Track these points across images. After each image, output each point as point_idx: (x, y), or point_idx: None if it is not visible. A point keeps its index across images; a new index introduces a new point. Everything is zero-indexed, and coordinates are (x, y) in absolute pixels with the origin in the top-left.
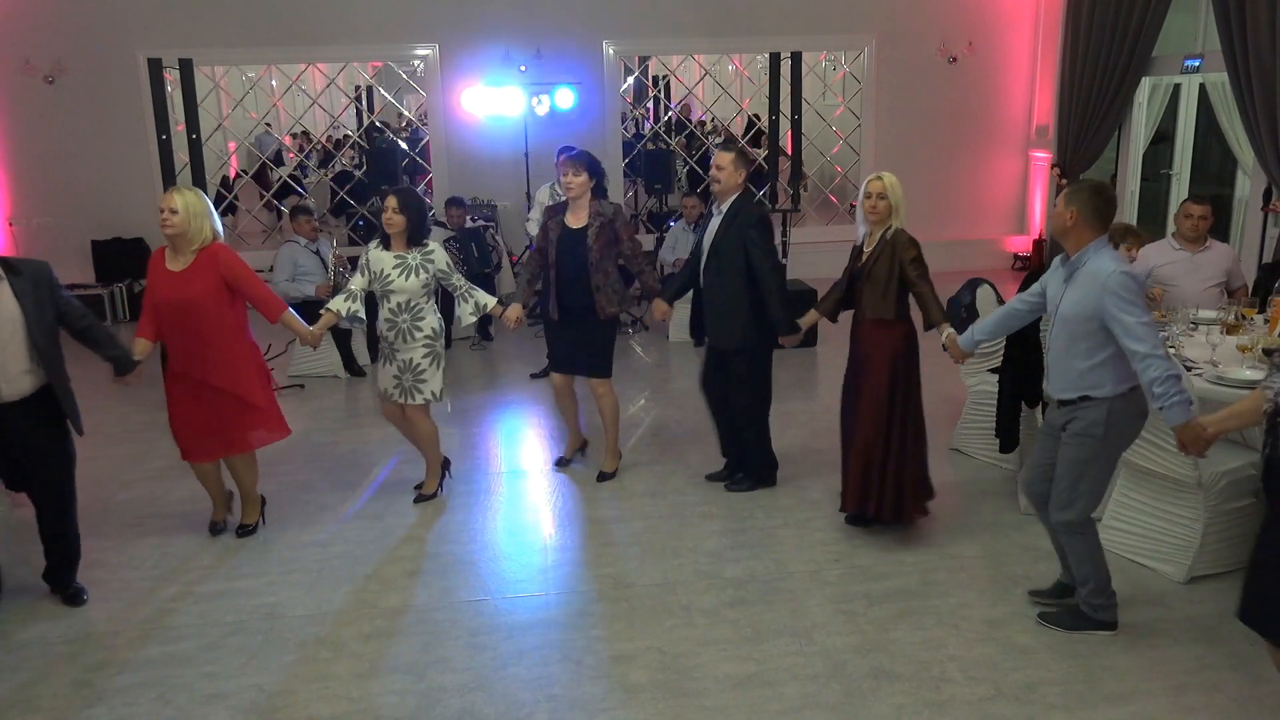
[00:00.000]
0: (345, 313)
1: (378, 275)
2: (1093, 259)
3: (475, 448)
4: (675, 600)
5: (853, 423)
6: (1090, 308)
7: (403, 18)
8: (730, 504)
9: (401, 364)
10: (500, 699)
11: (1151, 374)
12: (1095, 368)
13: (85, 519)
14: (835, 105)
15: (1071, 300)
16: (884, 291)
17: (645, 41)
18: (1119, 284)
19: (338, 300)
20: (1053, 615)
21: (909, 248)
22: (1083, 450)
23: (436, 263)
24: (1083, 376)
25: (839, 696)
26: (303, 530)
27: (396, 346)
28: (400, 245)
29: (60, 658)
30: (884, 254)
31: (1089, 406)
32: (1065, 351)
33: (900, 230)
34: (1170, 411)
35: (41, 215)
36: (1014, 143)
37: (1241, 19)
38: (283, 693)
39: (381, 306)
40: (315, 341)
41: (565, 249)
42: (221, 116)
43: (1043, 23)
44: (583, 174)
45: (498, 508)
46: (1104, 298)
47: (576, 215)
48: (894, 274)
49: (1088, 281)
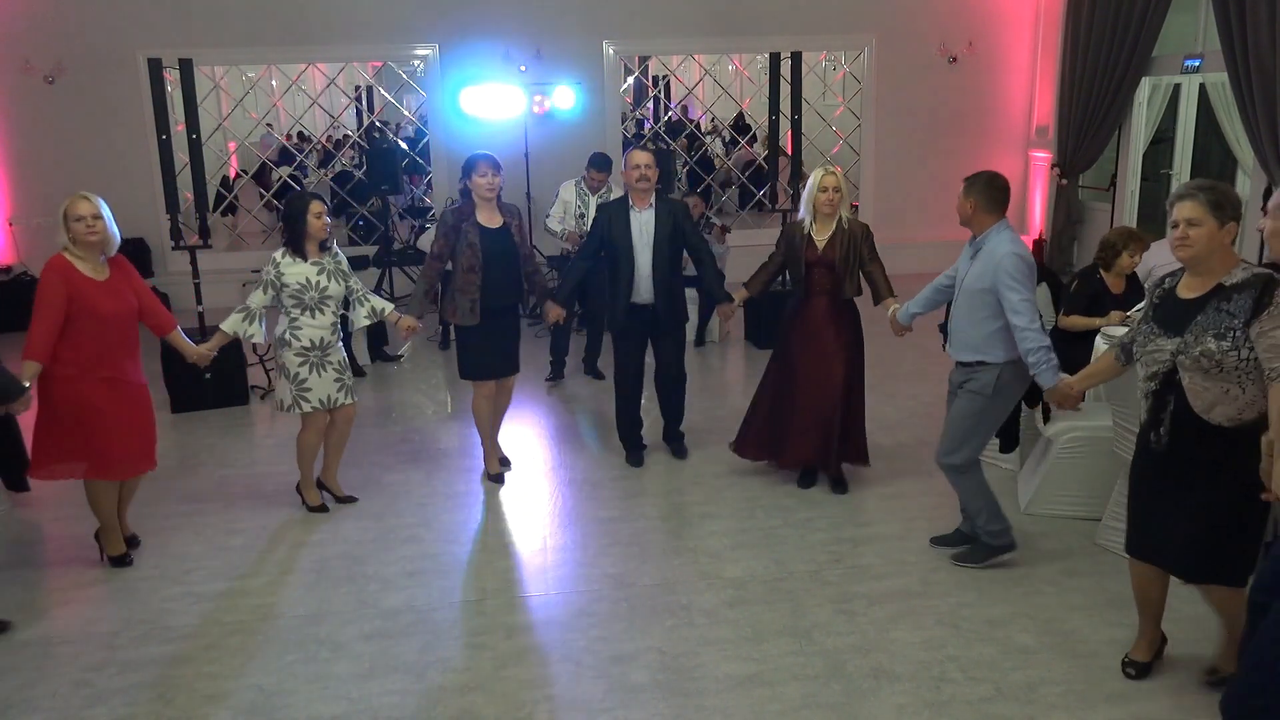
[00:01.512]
0: (242, 335)
1: (307, 285)
2: (993, 239)
3: (475, 448)
4: (675, 600)
5: (811, 390)
6: (987, 281)
7: (403, 18)
8: (730, 504)
9: (338, 364)
10: (500, 699)
11: (1027, 344)
12: (989, 336)
13: (85, 519)
14: (835, 105)
15: (973, 274)
16: (851, 274)
17: (645, 41)
18: (1011, 265)
19: (233, 320)
20: (964, 555)
21: (869, 234)
22: (973, 405)
23: (345, 265)
24: (979, 343)
25: (839, 696)
26: (303, 530)
27: (331, 350)
28: (316, 251)
29: (60, 658)
30: (847, 241)
31: (983, 370)
32: (965, 319)
33: (853, 219)
34: (1042, 376)
35: (41, 215)
36: (1014, 143)
37: (1241, 19)
38: (283, 693)
39: (318, 316)
40: (203, 360)
41: (494, 249)
42: (221, 116)
43: (1043, 23)
44: (500, 174)
45: (498, 508)
46: (997, 274)
47: (490, 216)
48: (857, 258)
49: (987, 258)
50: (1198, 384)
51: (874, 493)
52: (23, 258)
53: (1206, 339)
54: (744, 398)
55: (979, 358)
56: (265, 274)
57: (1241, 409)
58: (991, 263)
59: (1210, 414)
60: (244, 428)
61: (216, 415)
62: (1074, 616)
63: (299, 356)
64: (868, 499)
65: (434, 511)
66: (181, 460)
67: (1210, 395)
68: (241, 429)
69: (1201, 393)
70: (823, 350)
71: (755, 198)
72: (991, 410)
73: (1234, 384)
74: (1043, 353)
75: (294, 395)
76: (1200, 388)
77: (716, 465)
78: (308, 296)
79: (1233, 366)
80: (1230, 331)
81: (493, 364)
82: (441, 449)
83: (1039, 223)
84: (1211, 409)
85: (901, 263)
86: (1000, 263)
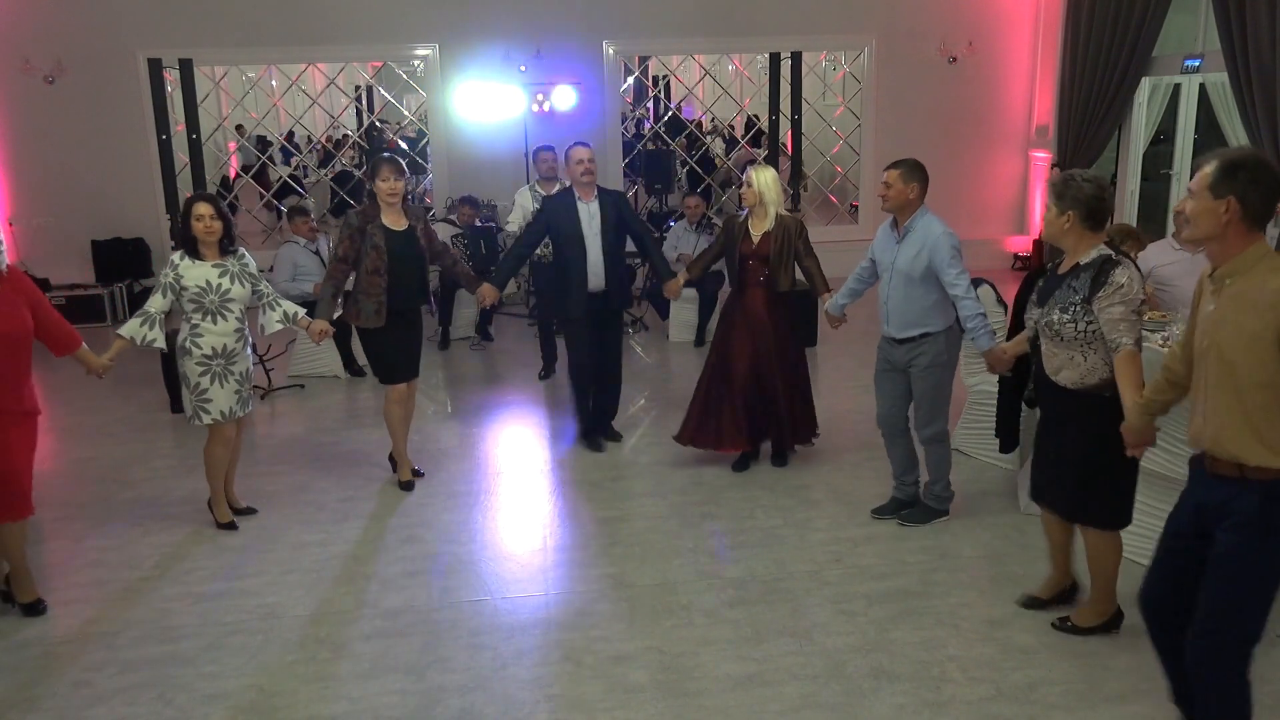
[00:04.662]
0: (140, 341)
1: (207, 288)
2: (921, 222)
3: (475, 448)
4: (675, 600)
5: (747, 379)
6: (923, 261)
7: (403, 18)
8: (730, 504)
9: (241, 374)
10: (500, 699)
11: (966, 312)
12: (928, 309)
13: (86, 519)
14: (835, 105)
15: (905, 256)
16: (785, 267)
17: (645, 41)
18: (945, 244)
19: (132, 325)
20: (910, 515)
21: (802, 229)
22: (934, 377)
23: (250, 269)
24: (919, 317)
25: (839, 696)
26: (303, 530)
27: (236, 358)
28: (214, 254)
29: (60, 658)
30: (781, 236)
31: (928, 340)
32: (904, 298)
33: (788, 215)
34: (979, 340)
35: (41, 215)
36: (1014, 143)
37: (1241, 19)
38: (283, 693)
39: (220, 321)
40: (104, 371)
41: (400, 252)
42: (221, 116)
43: (1043, 23)
44: (404, 178)
45: (498, 508)
46: (935, 254)
47: (396, 218)
48: (790, 252)
49: (918, 240)
50: (1049, 349)
51: (874, 492)
52: (23, 258)
53: (1054, 311)
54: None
55: (922, 330)
56: (163, 277)
57: (1083, 375)
58: (926, 244)
59: (1058, 376)
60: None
61: None
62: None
63: (200, 365)
64: (867, 500)
65: (434, 511)
66: (181, 460)
67: (1058, 360)
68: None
69: (1051, 357)
70: (756, 341)
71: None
72: (947, 376)
73: (1076, 351)
74: (979, 319)
75: (193, 406)
76: (1051, 352)
77: (717, 466)
78: (208, 300)
79: (1071, 336)
80: (1071, 305)
81: (401, 367)
82: (441, 449)
83: (1039, 223)
84: (1059, 372)
85: None
86: (936, 243)
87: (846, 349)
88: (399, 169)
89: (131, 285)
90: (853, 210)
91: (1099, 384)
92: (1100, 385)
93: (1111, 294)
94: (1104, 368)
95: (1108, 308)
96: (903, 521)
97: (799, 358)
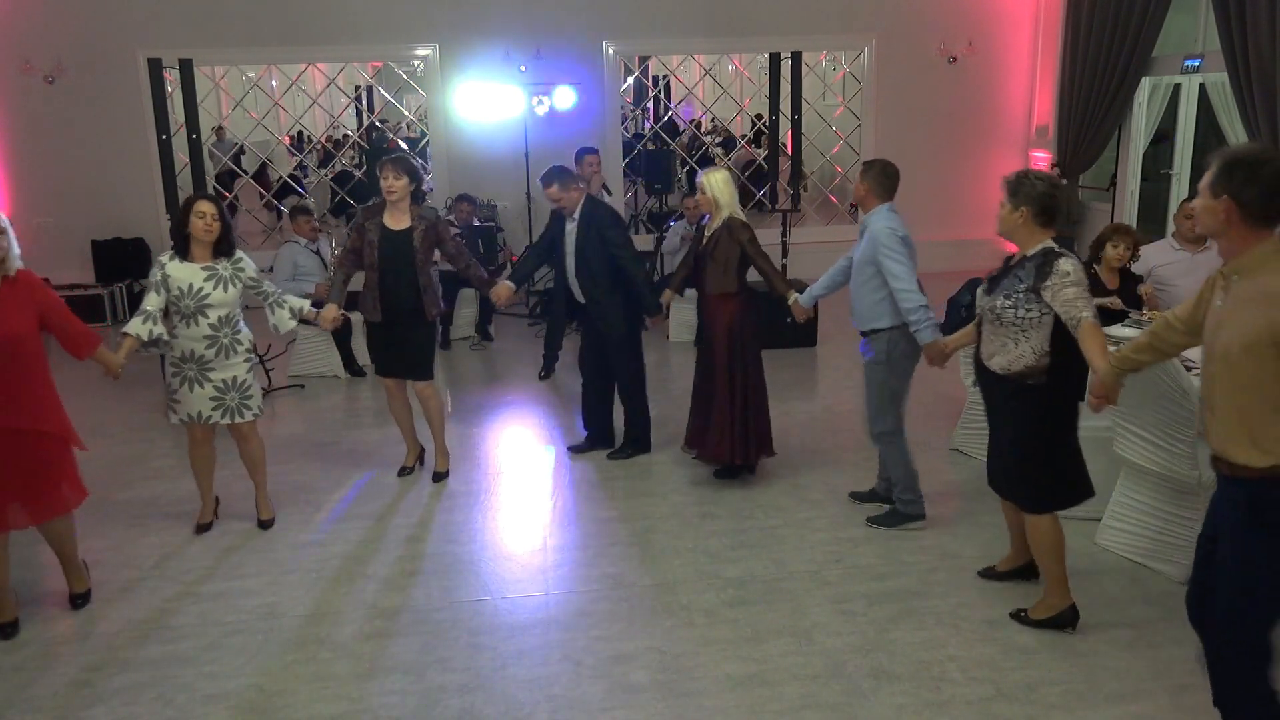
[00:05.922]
0: (147, 336)
1: (186, 291)
2: (873, 218)
3: (475, 448)
4: (675, 600)
5: (711, 385)
6: (870, 254)
7: (403, 18)
8: (730, 504)
9: (223, 383)
10: (500, 699)
11: (906, 304)
12: (876, 304)
13: (86, 519)
14: (835, 105)
15: (860, 250)
16: (725, 269)
17: (645, 41)
18: (885, 238)
19: (135, 323)
20: (878, 518)
21: (743, 231)
22: (877, 374)
23: (247, 272)
24: (870, 312)
25: (839, 696)
26: (303, 530)
27: (214, 365)
28: (206, 255)
29: (60, 658)
30: (722, 238)
31: (877, 338)
32: (858, 291)
33: (732, 217)
34: (921, 333)
35: (41, 215)
36: (1014, 143)
37: (1241, 19)
38: (283, 693)
39: (192, 325)
40: (118, 371)
41: (389, 251)
42: (221, 116)
43: (1043, 23)
44: (404, 178)
45: (498, 508)
46: (875, 246)
47: (397, 218)
48: (733, 254)
49: (869, 235)
50: (988, 334)
51: None
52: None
53: (999, 297)
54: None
55: (873, 325)
56: (151, 276)
57: (1010, 361)
58: (871, 236)
59: (990, 361)
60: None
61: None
62: None
63: (173, 366)
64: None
65: (434, 511)
66: (180, 460)
67: (993, 345)
68: None
69: (988, 342)
70: (712, 345)
71: (755, 198)
72: (893, 375)
73: (1009, 338)
74: (921, 311)
75: (167, 404)
76: (989, 337)
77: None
78: (183, 304)
79: (1010, 321)
80: (1014, 293)
81: (385, 363)
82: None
83: None
84: (991, 357)
85: None
86: (876, 236)
87: (846, 349)
88: (400, 168)
89: (131, 285)
90: (853, 210)
91: (1024, 371)
92: (1025, 372)
93: (1060, 280)
94: (1030, 356)
95: (1061, 291)
96: (870, 522)
97: (750, 365)
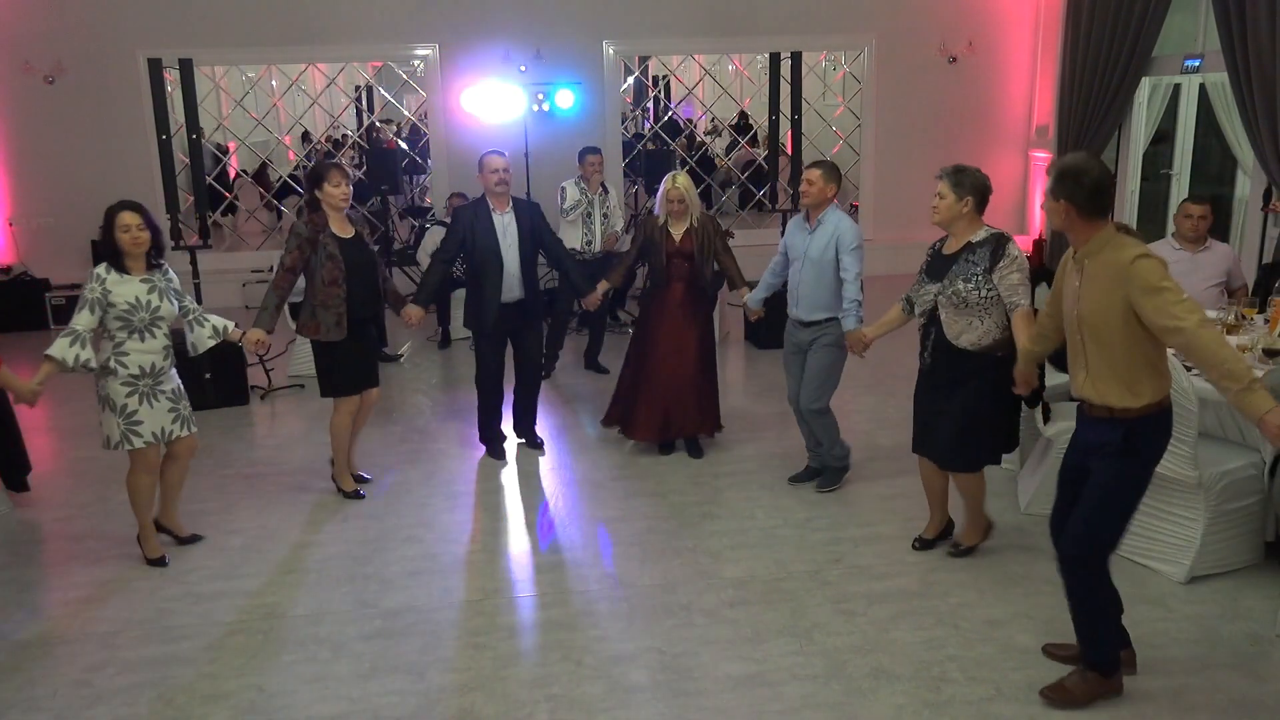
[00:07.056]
0: (72, 362)
1: (137, 305)
2: (832, 216)
3: (475, 448)
4: (675, 600)
5: (665, 367)
6: (831, 250)
7: (403, 18)
8: (730, 504)
9: (173, 391)
10: (500, 699)
11: (846, 294)
12: (836, 294)
13: (86, 519)
14: (835, 105)
15: (817, 246)
16: (707, 262)
17: (645, 41)
18: (852, 234)
19: (60, 345)
20: (824, 481)
21: (718, 226)
22: (828, 357)
23: (175, 283)
24: (828, 302)
25: (839, 696)
26: (303, 530)
27: (163, 376)
28: (141, 267)
29: (60, 658)
30: (701, 234)
31: (834, 324)
32: (815, 284)
33: (705, 215)
34: (846, 320)
35: (41, 215)
36: (1014, 143)
37: (1241, 19)
38: (283, 693)
39: (148, 339)
40: (34, 399)
41: (356, 258)
42: (221, 116)
43: (1043, 23)
44: (351, 184)
45: (498, 508)
46: (841, 241)
47: (343, 226)
48: (711, 249)
49: (829, 231)
50: (950, 317)
51: (874, 493)
52: (23, 258)
53: (958, 282)
54: (744, 397)
55: (828, 314)
56: (89, 292)
57: (980, 336)
58: (835, 234)
59: (959, 340)
60: (244, 428)
61: (216, 415)
62: None
63: (126, 386)
64: (867, 499)
65: (434, 511)
66: None
67: (958, 326)
68: (242, 429)
69: (952, 324)
70: (676, 331)
71: (755, 198)
72: (841, 358)
73: (975, 317)
74: (854, 304)
75: (122, 430)
76: (952, 320)
77: (716, 465)
78: (137, 318)
79: (975, 302)
80: (974, 276)
81: (359, 378)
82: (441, 449)
83: (1039, 223)
84: (959, 336)
85: (902, 263)
86: (844, 233)
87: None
88: (348, 174)
89: None
90: (853, 210)
91: (992, 344)
92: (994, 345)
93: (1009, 264)
94: (996, 330)
95: (1008, 275)
96: (821, 488)
97: (710, 352)
